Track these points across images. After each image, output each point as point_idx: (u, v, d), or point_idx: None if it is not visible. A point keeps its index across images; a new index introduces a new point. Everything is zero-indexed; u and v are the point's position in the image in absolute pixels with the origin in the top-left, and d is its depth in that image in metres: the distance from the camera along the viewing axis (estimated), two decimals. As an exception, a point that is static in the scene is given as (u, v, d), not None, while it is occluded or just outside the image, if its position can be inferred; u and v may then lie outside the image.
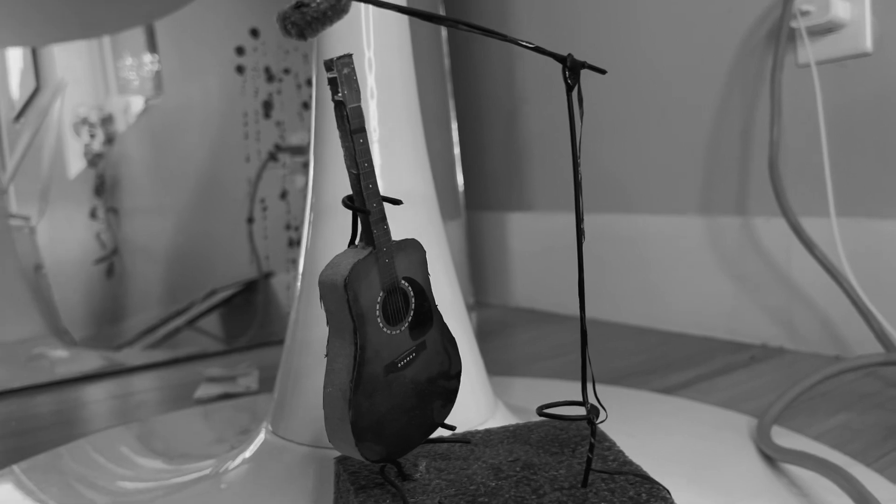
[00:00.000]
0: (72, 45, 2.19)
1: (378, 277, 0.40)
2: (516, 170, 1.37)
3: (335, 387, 0.40)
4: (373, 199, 0.39)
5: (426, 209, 0.62)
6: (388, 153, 0.60)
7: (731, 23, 1.04)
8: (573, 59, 0.41)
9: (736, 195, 1.07)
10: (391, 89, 0.60)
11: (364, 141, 0.38)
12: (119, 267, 1.94)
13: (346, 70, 0.37)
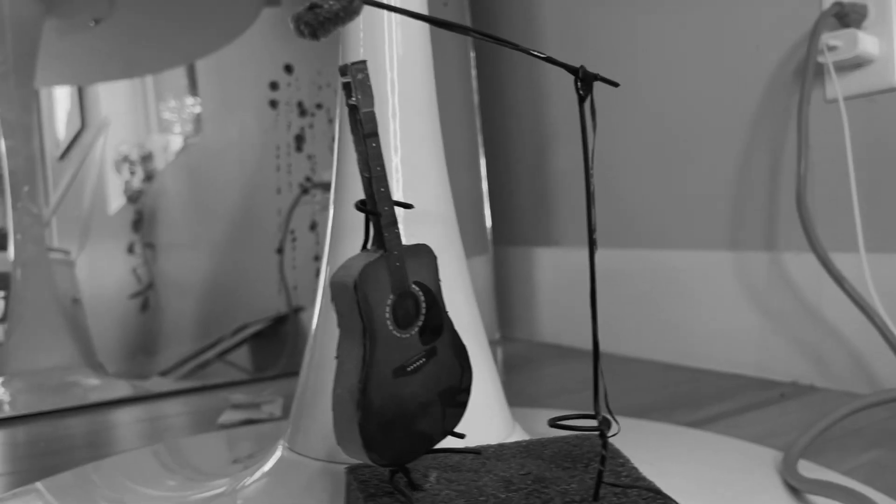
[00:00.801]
0: (116, 85, 2.26)
1: (388, 280, 0.40)
2: (544, 206, 1.37)
3: (344, 388, 0.40)
4: (384, 202, 0.40)
5: (446, 229, 0.63)
6: (409, 172, 0.61)
7: (759, 58, 1.05)
8: (585, 70, 0.42)
9: (765, 230, 1.06)
10: (413, 110, 0.62)
11: (377, 145, 0.39)
12: (153, 301, 1.97)
13: (360, 75, 0.38)
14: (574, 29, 1.30)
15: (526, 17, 1.37)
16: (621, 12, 1.22)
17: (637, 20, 1.20)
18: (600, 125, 1.26)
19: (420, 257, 0.43)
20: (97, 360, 1.73)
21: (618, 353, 1.26)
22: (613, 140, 1.25)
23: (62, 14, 1.44)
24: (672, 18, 1.15)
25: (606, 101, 1.25)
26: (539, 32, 1.35)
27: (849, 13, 0.93)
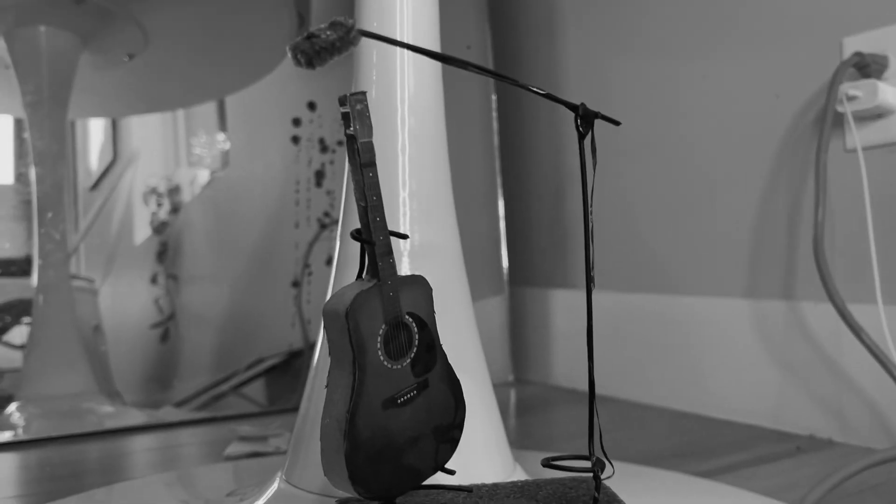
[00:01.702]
0: (148, 119, 2.31)
1: (381, 309, 0.40)
2: (561, 247, 1.37)
3: (332, 418, 0.40)
4: (379, 231, 0.40)
5: (452, 263, 0.63)
6: (417, 206, 0.61)
7: (779, 106, 1.05)
8: (585, 108, 0.42)
9: (782, 279, 1.05)
10: (422, 145, 0.62)
11: (374, 175, 0.40)
12: (174, 332, 1.99)
13: (360, 106, 0.39)
14: (596, 74, 1.31)
15: (549, 61, 1.38)
16: (643, 58, 1.23)
17: (659, 66, 1.21)
18: (619, 168, 1.26)
19: (415, 288, 0.43)
20: (114, 387, 1.74)
21: (630, 398, 1.24)
22: (632, 184, 1.25)
23: (97, 49, 1.48)
24: (693, 65, 1.16)
25: (625, 144, 1.25)
26: (562, 77, 1.36)
27: (869, 63, 0.92)
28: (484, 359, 0.65)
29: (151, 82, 1.67)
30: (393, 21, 0.64)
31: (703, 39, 1.15)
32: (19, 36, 1.39)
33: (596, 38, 1.32)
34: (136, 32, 1.47)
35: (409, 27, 0.64)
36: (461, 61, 0.37)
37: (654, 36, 1.22)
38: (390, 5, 0.64)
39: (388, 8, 0.63)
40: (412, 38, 0.64)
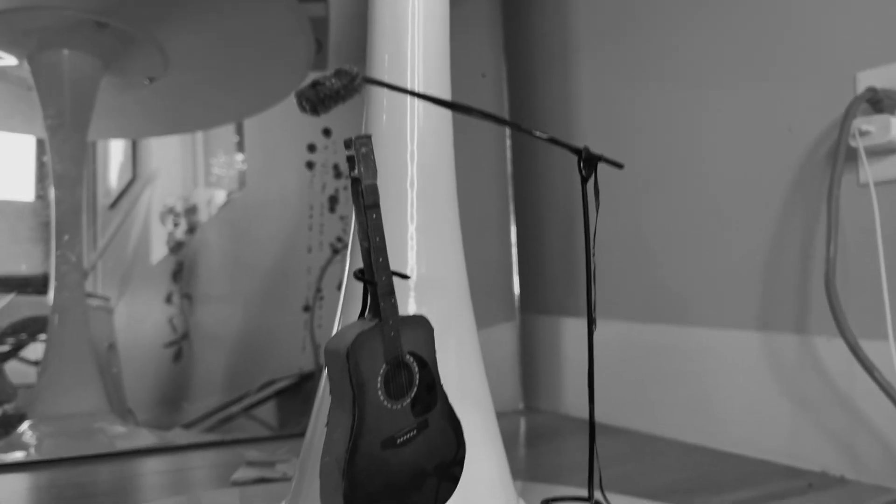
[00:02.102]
0: (168, 139, 2.34)
1: (382, 349, 0.41)
2: (573, 275, 1.37)
3: (332, 456, 0.40)
4: (382, 272, 0.41)
5: (458, 298, 0.63)
6: (424, 240, 0.62)
7: (793, 140, 1.04)
8: (588, 151, 0.43)
9: (795, 312, 1.04)
10: (431, 180, 0.63)
11: (377, 216, 0.40)
12: (187, 351, 2.00)
13: (364, 149, 0.39)
14: (609, 104, 1.32)
15: (563, 90, 1.39)
16: (657, 90, 1.23)
17: (672, 97, 1.21)
18: (632, 197, 1.26)
19: (417, 328, 0.43)
20: (127, 406, 1.75)
21: (641, 430, 1.23)
22: (645, 213, 1.25)
23: (118, 72, 1.50)
24: (707, 97, 1.16)
25: (639, 174, 1.25)
26: (575, 106, 1.37)
27: (882, 99, 0.92)
28: (489, 392, 0.65)
29: (171, 105, 1.69)
30: (404, 53, 0.65)
31: (717, 71, 1.15)
32: (43, 59, 1.42)
33: (610, 69, 1.32)
34: (157, 56, 1.50)
35: (419, 58, 0.65)
36: (467, 108, 0.38)
37: (668, 67, 1.23)
38: (402, 37, 0.64)
39: (400, 40, 0.64)
40: (423, 68, 0.64)
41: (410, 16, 0.65)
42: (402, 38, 0.65)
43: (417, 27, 0.65)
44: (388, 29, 0.65)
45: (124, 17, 1.41)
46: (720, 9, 1.15)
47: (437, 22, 0.65)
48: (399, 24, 0.65)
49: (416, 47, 0.65)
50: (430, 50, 0.65)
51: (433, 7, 0.65)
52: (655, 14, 1.25)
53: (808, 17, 1.04)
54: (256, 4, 1.44)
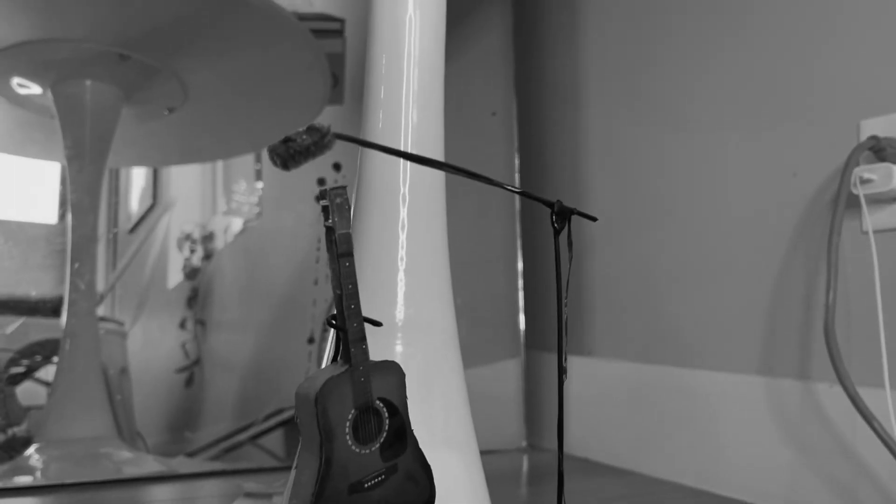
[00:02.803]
0: (187, 166, 2.37)
1: (351, 395, 0.41)
2: (578, 313, 1.37)
3: (299, 499, 0.41)
4: (353, 319, 0.42)
5: (445, 340, 0.64)
6: (413, 283, 0.63)
7: (797, 184, 1.05)
8: (561, 205, 0.43)
9: (798, 358, 1.03)
10: (422, 224, 0.64)
11: (350, 264, 0.41)
12: (199, 377, 2.02)
13: (339, 200, 0.41)
14: (617, 143, 1.33)
15: (572, 129, 1.40)
16: (664, 132, 1.24)
17: (679, 138, 1.22)
18: (639, 235, 1.27)
19: (388, 374, 0.44)
20: (136, 430, 1.77)
21: (645, 472, 1.22)
22: (651, 252, 1.25)
23: (139, 102, 1.54)
24: (713, 139, 1.17)
25: (646, 212, 1.25)
26: (584, 144, 1.38)
27: (885, 147, 0.92)
28: (474, 433, 0.65)
29: (189, 135, 1.73)
30: (399, 90, 0.66)
31: (723, 115, 1.16)
32: (66, 89, 1.46)
33: (618, 110, 1.34)
34: (177, 87, 1.53)
35: (415, 87, 0.66)
36: (438, 163, 0.39)
37: (675, 110, 1.23)
38: (398, 79, 0.66)
39: (395, 84, 0.66)
40: (418, 96, 0.66)
41: (406, 60, 0.67)
42: (397, 84, 0.66)
43: (412, 72, 0.66)
44: (384, 69, 0.67)
45: (146, 50, 1.44)
46: (728, 54, 1.16)
47: (433, 68, 0.67)
48: (395, 66, 0.66)
49: (411, 87, 0.66)
50: (426, 87, 0.67)
51: (429, 52, 0.66)
52: (664, 58, 1.26)
53: (813, 64, 1.05)
54: (274, 40, 1.47)
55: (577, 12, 1.43)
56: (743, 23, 1.15)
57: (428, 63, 0.66)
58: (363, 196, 0.65)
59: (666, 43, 1.26)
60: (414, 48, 0.66)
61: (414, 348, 0.62)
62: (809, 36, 1.06)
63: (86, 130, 1.42)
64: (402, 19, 0.66)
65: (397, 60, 0.65)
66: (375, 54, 0.67)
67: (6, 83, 1.48)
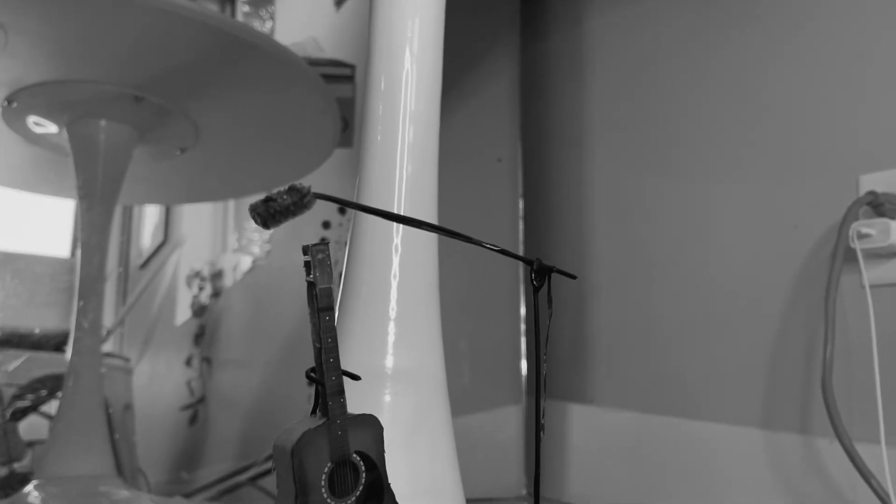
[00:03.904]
0: (200, 204, 2.40)
1: (328, 448, 0.42)
2: (581, 360, 1.36)
3: (273, 551, 0.41)
4: (332, 372, 0.42)
5: (434, 389, 0.64)
6: (403, 332, 0.63)
7: (798, 237, 1.05)
8: (541, 263, 0.44)
9: (798, 412, 1.02)
10: (413, 273, 0.65)
11: (330, 318, 0.42)
12: (203, 415, 2.02)
13: (321, 255, 0.42)
14: (621, 192, 1.33)
15: (577, 176, 1.41)
16: (667, 181, 1.25)
17: (683, 188, 1.22)
18: (643, 284, 1.27)
19: (365, 427, 0.44)
20: (138, 467, 1.77)
21: (645, 523, 1.21)
22: (655, 302, 1.25)
23: (152, 142, 1.56)
24: (716, 192, 1.17)
25: (649, 260, 1.26)
26: (588, 192, 1.39)
27: (883, 203, 0.93)
28: (460, 482, 0.65)
29: (201, 175, 1.75)
30: (395, 142, 0.68)
31: (726, 167, 1.17)
32: (80, 128, 1.48)
33: (622, 158, 1.35)
34: (189, 128, 1.56)
35: (410, 139, 0.68)
36: (416, 221, 0.40)
37: (679, 160, 1.24)
38: (393, 131, 0.68)
39: (390, 135, 0.67)
40: (412, 148, 0.67)
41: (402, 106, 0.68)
42: (392, 128, 0.68)
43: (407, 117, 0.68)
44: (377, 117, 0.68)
45: (160, 92, 1.47)
46: (731, 108, 1.18)
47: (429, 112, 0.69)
48: (391, 119, 0.68)
49: (407, 131, 0.68)
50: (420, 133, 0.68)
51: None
52: (667, 109, 1.28)
53: (814, 119, 1.06)
54: (286, 84, 1.50)
55: (581, 63, 1.45)
56: (745, 79, 1.16)
57: (424, 117, 0.67)
58: (356, 244, 0.66)
59: (668, 94, 1.28)
60: (410, 101, 0.68)
61: (402, 397, 0.62)
62: (811, 93, 1.07)
63: (98, 169, 1.45)
64: (399, 74, 0.67)
65: (393, 113, 0.67)
66: (372, 106, 0.68)
67: (23, 122, 1.51)
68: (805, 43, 1.08)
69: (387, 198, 0.65)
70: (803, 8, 1.09)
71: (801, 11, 1.09)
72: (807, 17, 1.08)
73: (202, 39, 1.38)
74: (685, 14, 1.27)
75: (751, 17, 1.16)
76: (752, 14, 1.16)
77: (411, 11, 0.68)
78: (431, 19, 0.70)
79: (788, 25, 1.11)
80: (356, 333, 0.63)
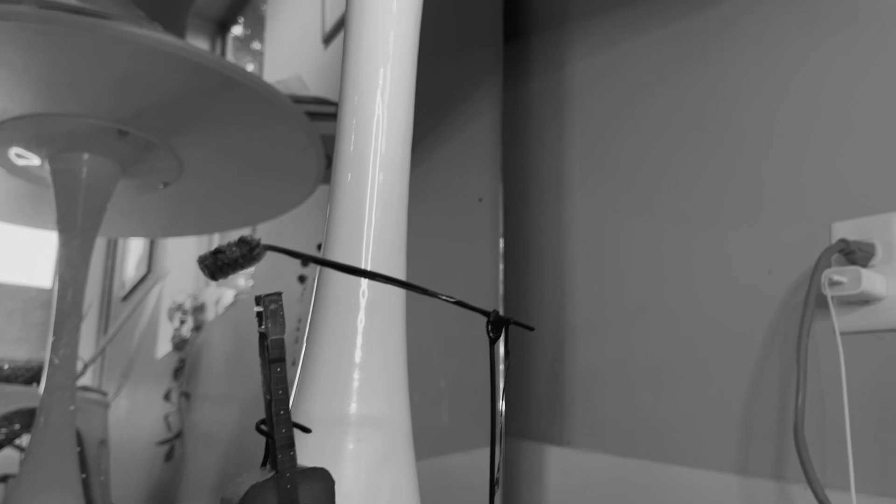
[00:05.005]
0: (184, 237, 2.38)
1: (276, 502, 0.41)
2: (559, 402, 1.36)
3: None
4: (282, 424, 0.42)
5: (398, 436, 0.64)
6: (367, 379, 0.63)
7: (772, 282, 1.05)
8: (497, 314, 0.44)
9: (773, 458, 1.02)
10: (380, 318, 0.65)
11: (281, 370, 0.42)
12: (179, 451, 1.99)
13: (273, 306, 0.42)
14: (599, 233, 1.34)
15: (556, 217, 1.42)
16: (645, 225, 1.26)
17: (660, 234, 1.23)
18: (619, 326, 1.27)
19: (316, 481, 0.44)
20: (111, 502, 1.73)
21: (621, 569, 1.19)
22: (630, 344, 1.25)
23: (135, 175, 1.56)
24: (691, 234, 1.18)
25: (625, 302, 1.26)
26: (567, 232, 1.40)
27: (854, 250, 0.93)
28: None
29: (184, 208, 1.75)
30: (364, 189, 0.68)
31: (701, 211, 1.18)
32: (63, 160, 1.48)
33: (600, 200, 1.36)
34: (174, 163, 1.56)
35: (379, 181, 0.68)
36: (371, 274, 0.40)
37: (656, 202, 1.25)
38: (363, 178, 0.68)
39: (360, 182, 0.68)
40: (381, 194, 0.68)
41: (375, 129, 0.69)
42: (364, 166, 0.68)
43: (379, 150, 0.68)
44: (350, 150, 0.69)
45: (144, 126, 1.48)
46: (707, 153, 1.19)
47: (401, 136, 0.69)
48: (361, 166, 0.68)
49: (376, 170, 0.68)
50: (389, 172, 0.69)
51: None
52: (645, 153, 1.29)
53: (789, 165, 1.07)
54: (270, 121, 1.51)
55: (562, 106, 1.47)
56: (721, 125, 1.17)
57: (394, 164, 0.68)
58: (323, 287, 0.66)
59: (646, 139, 1.29)
60: (380, 146, 0.68)
61: (366, 444, 0.62)
62: (786, 139, 1.09)
63: (79, 203, 1.44)
64: (370, 122, 0.68)
65: (363, 158, 0.67)
66: (343, 156, 0.69)
67: (4, 154, 1.51)
68: (781, 90, 1.10)
69: (354, 241, 0.65)
70: (782, 56, 1.11)
71: (780, 60, 1.11)
72: (784, 65, 1.10)
73: (187, 76, 1.39)
74: (663, 59, 1.29)
75: (728, 63, 1.18)
76: (729, 60, 1.18)
77: (382, 59, 0.69)
78: (403, 66, 0.70)
79: (765, 72, 1.13)
80: (320, 380, 0.63)
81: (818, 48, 1.07)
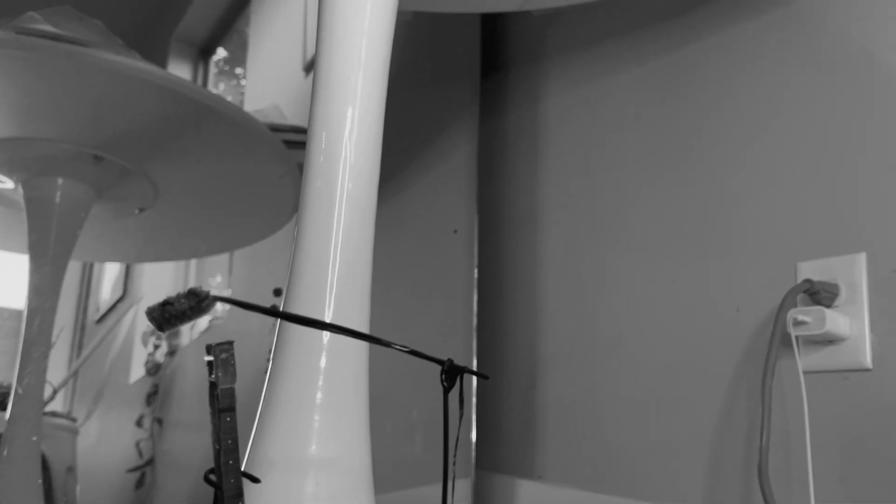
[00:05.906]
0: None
1: (223, 553, 0.41)
2: (531, 435, 1.35)
3: None
4: (231, 475, 0.42)
5: (357, 478, 0.63)
6: (326, 419, 0.63)
7: (740, 320, 1.06)
8: (452, 363, 0.44)
9: (741, 494, 1.02)
10: (341, 359, 0.65)
11: (231, 419, 0.42)
12: (150, 478, 1.97)
13: (224, 355, 0.42)
14: (571, 266, 1.35)
15: (531, 249, 1.43)
16: (616, 259, 1.27)
17: (630, 268, 1.24)
18: (588, 360, 1.27)
19: (265, 531, 0.43)
20: (79, 532, 1.70)
21: None
22: (600, 379, 1.25)
23: (109, 200, 1.55)
24: (663, 269, 1.19)
25: (596, 335, 1.26)
26: (541, 265, 1.40)
27: (819, 291, 0.94)
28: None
29: (159, 234, 1.74)
30: (329, 225, 0.68)
31: (673, 246, 1.19)
32: (37, 185, 1.47)
33: (573, 234, 1.37)
34: (149, 189, 1.55)
35: (345, 223, 0.68)
36: (334, 327, 0.40)
37: (627, 237, 1.26)
38: (328, 216, 0.68)
39: (325, 219, 0.68)
40: (346, 234, 0.68)
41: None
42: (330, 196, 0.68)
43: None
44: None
45: (120, 152, 1.47)
46: (678, 191, 1.20)
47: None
48: (326, 202, 0.69)
49: (343, 197, 0.69)
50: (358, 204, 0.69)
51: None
52: (617, 188, 1.30)
53: (757, 204, 1.08)
54: (247, 149, 1.51)
55: (537, 140, 1.48)
56: (692, 163, 1.19)
57: (360, 203, 0.68)
58: (285, 328, 0.66)
59: (618, 175, 1.31)
60: (346, 185, 0.69)
61: (325, 487, 0.61)
62: (754, 178, 1.10)
63: (52, 228, 1.43)
64: (337, 161, 0.68)
65: (329, 198, 0.68)
66: (310, 196, 0.69)
67: (-23, 177, 1.49)
68: (751, 130, 1.12)
69: (318, 283, 0.65)
70: (753, 97, 1.13)
71: (751, 101, 1.13)
72: (755, 107, 1.12)
73: (163, 103, 1.39)
74: (637, 97, 1.30)
75: (700, 103, 1.20)
76: (701, 100, 1.20)
77: (350, 98, 0.69)
78: (371, 105, 0.71)
79: (736, 112, 1.15)
80: (280, 421, 0.62)
81: (787, 90, 1.09)
